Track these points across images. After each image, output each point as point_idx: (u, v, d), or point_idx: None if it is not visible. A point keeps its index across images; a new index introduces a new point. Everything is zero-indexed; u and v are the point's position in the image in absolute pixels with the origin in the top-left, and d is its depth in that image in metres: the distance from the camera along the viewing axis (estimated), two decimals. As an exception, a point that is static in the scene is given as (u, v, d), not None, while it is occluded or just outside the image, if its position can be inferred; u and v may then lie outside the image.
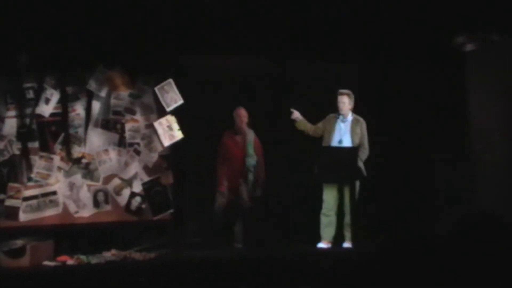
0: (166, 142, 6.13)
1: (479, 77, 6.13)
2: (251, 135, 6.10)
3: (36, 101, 5.93)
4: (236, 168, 5.99)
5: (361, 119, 5.89)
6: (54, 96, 5.99)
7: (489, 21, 5.86)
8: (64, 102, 5.99)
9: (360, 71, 6.63)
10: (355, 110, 5.93)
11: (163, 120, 6.17)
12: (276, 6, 5.64)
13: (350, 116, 5.88)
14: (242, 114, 6.06)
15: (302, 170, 5.75)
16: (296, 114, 5.98)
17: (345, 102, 5.84)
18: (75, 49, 5.80)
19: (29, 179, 5.86)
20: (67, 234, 5.83)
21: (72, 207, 5.96)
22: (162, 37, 5.86)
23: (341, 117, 5.87)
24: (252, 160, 6.04)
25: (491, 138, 6.04)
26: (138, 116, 6.21)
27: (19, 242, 5.38)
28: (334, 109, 5.91)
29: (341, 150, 5.76)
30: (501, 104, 6.06)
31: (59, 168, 5.95)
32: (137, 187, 6.12)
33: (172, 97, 6.17)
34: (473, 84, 6.17)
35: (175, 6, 5.59)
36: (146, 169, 6.16)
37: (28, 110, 5.92)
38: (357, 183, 5.71)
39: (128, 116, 6.17)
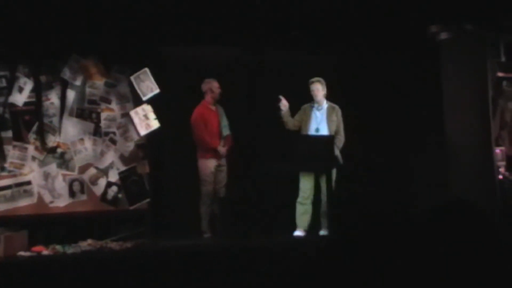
0: (143, 131, 6.09)
1: (453, 65, 6.19)
2: (221, 108, 6.09)
3: (9, 90, 5.84)
4: (215, 137, 5.96)
5: (336, 106, 5.92)
6: (27, 85, 5.90)
7: (462, 11, 5.92)
8: (38, 91, 5.91)
9: (336, 61, 6.66)
10: (331, 99, 5.96)
11: (139, 109, 6.12)
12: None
13: (325, 104, 5.90)
14: (215, 85, 6.02)
15: (278, 159, 5.76)
16: (284, 102, 5.89)
17: (319, 89, 5.85)
18: (49, 37, 5.72)
19: (2, 169, 5.79)
20: (42, 224, 5.77)
21: (47, 197, 5.90)
22: (137, 25, 5.81)
23: (316, 105, 5.89)
24: (226, 130, 6.04)
25: (464, 125, 6.12)
26: (114, 105, 6.16)
27: (-8, 233, 5.32)
28: (310, 99, 5.93)
29: (317, 138, 5.79)
30: (475, 92, 6.14)
31: (34, 158, 5.88)
32: (113, 177, 6.08)
33: (148, 86, 6.13)
34: (447, 72, 6.24)
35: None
36: (122, 158, 6.12)
37: (1, 99, 5.83)
38: (334, 171, 5.75)
39: (103, 105, 6.12)
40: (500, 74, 6.48)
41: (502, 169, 6.29)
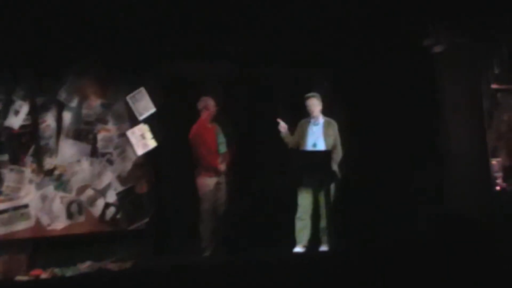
0: (140, 151, 6.09)
1: (448, 78, 6.24)
2: (218, 125, 6.10)
3: (4, 113, 5.83)
4: (213, 154, 5.96)
5: (332, 121, 5.94)
6: (23, 108, 5.89)
7: (455, 24, 5.98)
8: (34, 113, 5.90)
9: (331, 75, 6.70)
10: (327, 113, 5.98)
11: (136, 129, 6.13)
12: (246, 12, 5.65)
13: (321, 119, 5.92)
14: (211, 103, 6.03)
15: (277, 175, 5.77)
16: (282, 124, 5.90)
17: (315, 104, 5.88)
18: (44, 59, 5.73)
19: (-1, 192, 5.76)
20: (40, 247, 5.73)
21: (44, 220, 5.86)
22: (132, 45, 5.83)
23: (312, 120, 5.91)
24: (223, 147, 6.05)
25: (461, 137, 6.14)
26: (110, 126, 6.15)
27: (-10, 257, 5.28)
28: (306, 114, 5.95)
29: (315, 153, 5.80)
30: (470, 104, 6.18)
31: (30, 181, 5.85)
32: (111, 197, 6.06)
33: (144, 106, 6.15)
34: (443, 84, 6.29)
35: (145, 14, 5.56)
36: (120, 178, 6.10)
37: (-3, 123, 5.82)
38: (332, 186, 5.74)
39: (100, 126, 6.12)
40: (494, 86, 6.54)
41: (499, 180, 6.31)
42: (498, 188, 6.23)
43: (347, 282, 4.65)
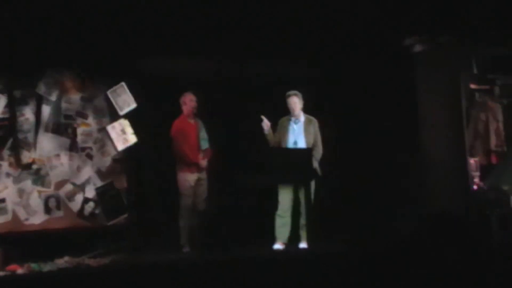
0: (120, 146, 6.05)
1: (427, 77, 6.31)
2: (200, 122, 6.08)
3: (-18, 106, 5.75)
4: (193, 151, 5.94)
5: (313, 119, 5.96)
6: (1, 101, 5.82)
7: (436, 24, 6.04)
8: (12, 106, 5.83)
9: (312, 73, 6.72)
10: (308, 111, 6.00)
11: (116, 123, 6.09)
12: (231, 7, 5.64)
13: (302, 117, 5.94)
14: (191, 98, 6.00)
15: (258, 171, 5.76)
16: (266, 122, 5.85)
17: (296, 102, 5.89)
18: (23, 52, 5.65)
19: (-24, 186, 5.68)
20: (17, 242, 5.65)
21: (22, 214, 5.80)
22: (114, 39, 5.78)
23: (293, 118, 5.92)
24: (205, 144, 6.03)
25: (438, 136, 6.21)
26: (90, 120, 6.11)
27: (-35, 252, 5.20)
28: (287, 111, 5.96)
29: (295, 151, 5.82)
30: (449, 103, 6.25)
31: (8, 175, 5.79)
32: (90, 192, 6.02)
33: (125, 101, 6.11)
34: (422, 83, 6.35)
35: (128, 7, 5.51)
36: (99, 173, 6.06)
37: (-26, 116, 5.73)
38: (312, 183, 5.77)
39: (79, 120, 6.07)
40: (472, 86, 6.62)
41: (476, 180, 6.39)
42: (475, 187, 6.30)
43: (326, 279, 4.68)
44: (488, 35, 6.19)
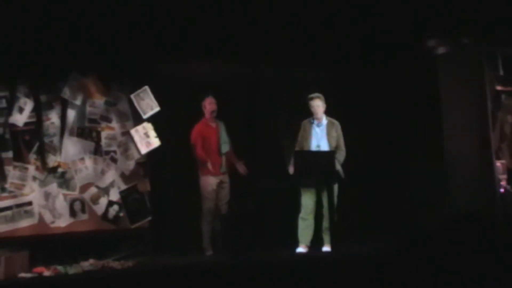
0: (143, 150, 6.09)
1: (451, 79, 6.22)
2: (222, 124, 6.10)
3: (9, 111, 5.82)
4: (214, 154, 5.97)
5: (336, 122, 5.93)
6: (27, 105, 5.90)
7: (459, 25, 5.96)
8: (38, 110, 5.90)
9: (334, 75, 6.69)
10: (331, 114, 5.97)
11: (139, 127, 6.13)
12: (249, 12, 5.65)
13: (324, 120, 5.91)
14: (210, 101, 6.04)
15: (280, 175, 5.76)
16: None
17: (319, 105, 5.87)
18: (48, 57, 5.74)
19: (3, 189, 5.74)
20: (43, 244, 5.73)
21: (48, 217, 5.87)
22: (137, 43, 5.84)
23: (315, 121, 5.90)
24: (226, 147, 6.05)
25: (464, 139, 6.12)
26: (114, 124, 6.16)
27: (-7, 254, 5.28)
28: (308, 114, 5.94)
29: (318, 154, 5.79)
30: (474, 106, 6.15)
31: (34, 178, 5.86)
32: (114, 195, 6.06)
33: (148, 104, 6.15)
34: (446, 86, 6.27)
35: (150, 12, 5.56)
36: (123, 177, 6.11)
37: (1, 120, 5.81)
38: (336, 186, 5.74)
39: (104, 124, 6.12)
40: (498, 88, 6.51)
41: (503, 182, 6.28)
42: (502, 190, 6.20)
43: (349, 282, 4.64)
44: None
